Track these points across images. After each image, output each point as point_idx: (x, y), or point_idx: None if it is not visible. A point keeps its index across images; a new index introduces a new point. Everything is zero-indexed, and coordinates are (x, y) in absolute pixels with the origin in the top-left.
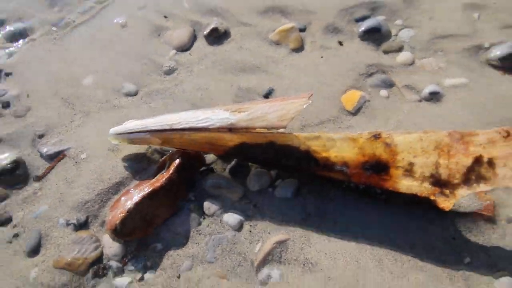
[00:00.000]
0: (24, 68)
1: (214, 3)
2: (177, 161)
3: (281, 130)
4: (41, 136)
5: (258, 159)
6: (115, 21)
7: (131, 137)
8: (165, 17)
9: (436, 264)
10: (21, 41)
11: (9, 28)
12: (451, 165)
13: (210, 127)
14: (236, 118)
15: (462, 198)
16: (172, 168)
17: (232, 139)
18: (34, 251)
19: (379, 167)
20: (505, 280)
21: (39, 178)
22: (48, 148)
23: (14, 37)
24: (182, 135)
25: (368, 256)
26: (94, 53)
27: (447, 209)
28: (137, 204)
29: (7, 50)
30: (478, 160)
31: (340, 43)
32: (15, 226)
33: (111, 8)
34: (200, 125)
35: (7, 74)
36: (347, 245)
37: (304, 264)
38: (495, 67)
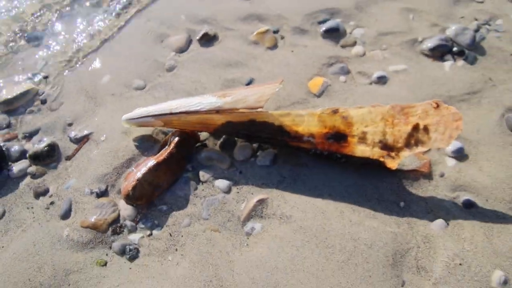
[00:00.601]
0: (57, 72)
1: (205, 14)
2: (176, 139)
3: (259, 110)
4: (70, 125)
5: (242, 134)
6: (126, 32)
7: (139, 121)
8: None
9: (385, 212)
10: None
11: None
12: (395, 132)
13: (201, 110)
14: (222, 102)
15: (405, 159)
16: (173, 145)
17: (220, 119)
18: (66, 215)
19: (338, 136)
20: (438, 222)
21: (69, 158)
22: (75, 133)
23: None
24: (179, 118)
25: (331, 209)
26: (110, 57)
27: (393, 168)
28: (145, 174)
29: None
30: (415, 127)
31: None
32: (51, 195)
33: (125, 23)
34: (193, 108)
35: (45, 77)
36: (315, 201)
37: (280, 217)
38: (427, 55)
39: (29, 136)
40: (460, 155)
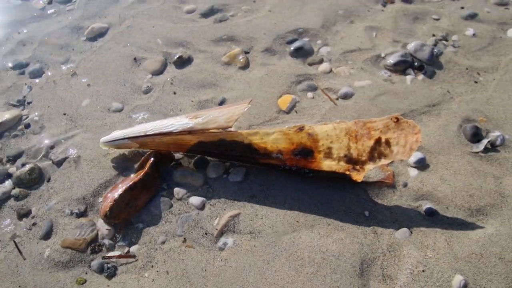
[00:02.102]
0: (40, 97)
1: (180, 38)
2: (152, 159)
3: (228, 130)
4: (52, 147)
5: (213, 153)
6: (104, 56)
7: (116, 143)
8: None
9: (352, 223)
10: (38, 78)
11: (30, 68)
12: (359, 147)
13: (174, 131)
14: (194, 123)
15: (369, 171)
16: (148, 165)
17: (192, 139)
18: (47, 235)
19: (305, 152)
20: (402, 230)
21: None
22: (56, 156)
23: (34, 75)
24: (154, 139)
25: (301, 222)
26: (90, 82)
27: (359, 181)
28: (122, 195)
29: (29, 85)
30: (378, 141)
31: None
32: (33, 217)
33: (102, 48)
34: (167, 130)
35: (29, 103)
36: (285, 215)
37: (251, 232)
38: (390, 70)
39: (13, 159)
40: (421, 165)
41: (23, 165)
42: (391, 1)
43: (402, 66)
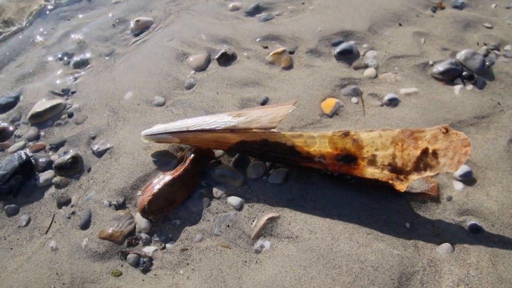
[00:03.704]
0: (84, 88)
1: (224, 34)
2: (192, 155)
3: (272, 130)
4: (93, 138)
5: (255, 153)
6: (148, 50)
7: (157, 137)
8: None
9: (393, 234)
10: (83, 68)
11: (76, 58)
12: (404, 156)
13: (216, 128)
14: (237, 121)
15: (413, 182)
16: (188, 161)
17: (234, 138)
18: (86, 225)
19: (349, 158)
20: (444, 245)
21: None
22: (98, 146)
23: (79, 65)
24: (195, 135)
25: (340, 230)
26: (133, 75)
27: (402, 191)
28: (161, 189)
29: (75, 75)
30: (425, 152)
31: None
32: (72, 206)
33: (147, 42)
34: (209, 127)
35: (73, 92)
36: (324, 221)
37: (289, 237)
38: (437, 79)
39: (56, 147)
40: (468, 179)
41: (65, 153)
42: (442, 6)
43: (451, 75)
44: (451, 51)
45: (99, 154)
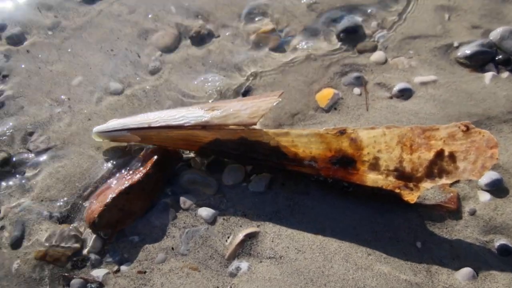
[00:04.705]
0: (21, 70)
1: (199, 7)
2: (155, 157)
3: (253, 127)
4: (31, 134)
5: (231, 154)
6: (103, 24)
7: (113, 135)
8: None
9: (400, 256)
10: (19, 45)
11: (9, 31)
12: (414, 159)
13: (185, 124)
14: (210, 116)
15: (427, 191)
16: (149, 164)
17: (206, 136)
18: (17, 243)
19: (345, 161)
20: (465, 271)
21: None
22: (36, 144)
23: (13, 40)
24: (159, 133)
25: (334, 249)
26: (84, 55)
27: (412, 202)
28: (114, 199)
29: (8, 53)
30: (439, 154)
31: None
32: (1, 218)
33: (102, 14)
34: (176, 123)
35: (4, 76)
36: (315, 238)
37: (272, 256)
38: (463, 65)
39: None
40: (496, 188)
41: None
42: None
43: (481, 60)
44: (483, 30)
45: (38, 153)
